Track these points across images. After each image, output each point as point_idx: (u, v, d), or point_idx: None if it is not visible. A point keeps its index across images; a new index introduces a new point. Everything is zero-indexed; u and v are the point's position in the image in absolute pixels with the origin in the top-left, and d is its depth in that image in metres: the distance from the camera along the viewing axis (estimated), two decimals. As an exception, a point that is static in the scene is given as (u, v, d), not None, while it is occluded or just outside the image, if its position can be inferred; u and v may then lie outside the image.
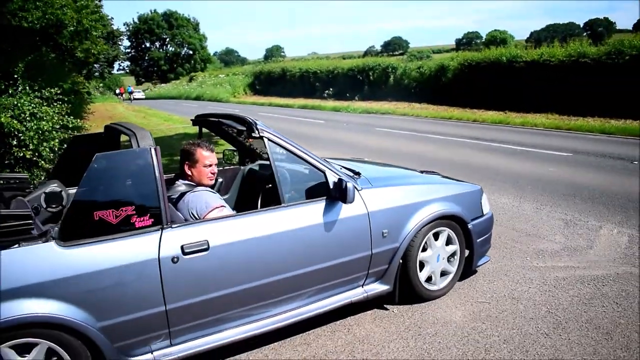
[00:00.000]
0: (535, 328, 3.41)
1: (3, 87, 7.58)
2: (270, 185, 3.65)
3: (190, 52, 65.88)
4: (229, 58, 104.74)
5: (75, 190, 2.58)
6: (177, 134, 14.87)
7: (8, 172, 6.94)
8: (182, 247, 2.70)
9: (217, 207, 3.12)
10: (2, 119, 6.93)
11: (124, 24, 66.14)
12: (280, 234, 3.04)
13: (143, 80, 66.05)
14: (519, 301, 3.81)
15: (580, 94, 15.52)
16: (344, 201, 3.17)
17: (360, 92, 26.39)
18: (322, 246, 3.21)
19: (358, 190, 3.36)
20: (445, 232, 3.77)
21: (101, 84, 39.43)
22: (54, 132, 7.48)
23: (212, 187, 3.44)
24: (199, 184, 3.26)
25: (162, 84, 58.60)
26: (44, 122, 7.33)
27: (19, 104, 7.24)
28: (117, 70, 62.33)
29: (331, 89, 28.79)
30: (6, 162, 7.30)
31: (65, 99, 8.45)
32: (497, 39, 53.45)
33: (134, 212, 2.60)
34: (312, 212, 3.18)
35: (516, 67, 18.42)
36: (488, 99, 18.36)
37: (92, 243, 2.52)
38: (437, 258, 3.76)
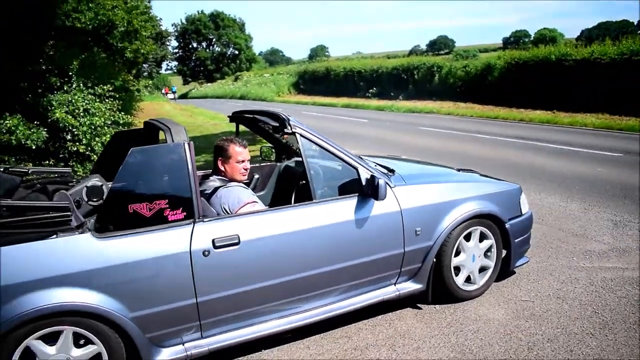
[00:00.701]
0: (581, 328, 3.32)
1: (59, 84, 7.92)
2: (304, 182, 3.66)
3: (236, 52, 66.62)
4: (274, 58, 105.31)
5: None
6: (222, 132, 15.08)
7: (61, 165, 7.27)
8: (213, 241, 2.74)
9: (249, 203, 3.14)
10: (58, 115, 7.26)
11: (172, 25, 67.64)
12: (311, 229, 3.04)
13: (190, 79, 67.23)
14: (564, 301, 3.71)
15: (633, 92, 14.81)
16: (376, 198, 3.14)
17: (404, 92, 26.04)
18: (354, 243, 3.19)
19: (391, 187, 3.32)
20: (478, 230, 3.68)
21: (150, 83, 40.50)
22: (105, 128, 7.80)
23: (248, 183, 3.47)
24: (232, 180, 3.30)
25: (208, 84, 59.47)
26: (96, 118, 7.66)
27: (73, 100, 7.59)
28: (165, 70, 63.86)
29: (375, 88, 28.52)
30: (61, 155, 7.64)
31: (117, 95, 8.75)
32: (547, 37, 51.55)
33: (167, 205, 2.65)
34: (344, 209, 3.17)
35: (565, 65, 17.73)
36: (536, 98, 17.75)
37: (127, 235, 2.59)
38: (472, 258, 3.68)
